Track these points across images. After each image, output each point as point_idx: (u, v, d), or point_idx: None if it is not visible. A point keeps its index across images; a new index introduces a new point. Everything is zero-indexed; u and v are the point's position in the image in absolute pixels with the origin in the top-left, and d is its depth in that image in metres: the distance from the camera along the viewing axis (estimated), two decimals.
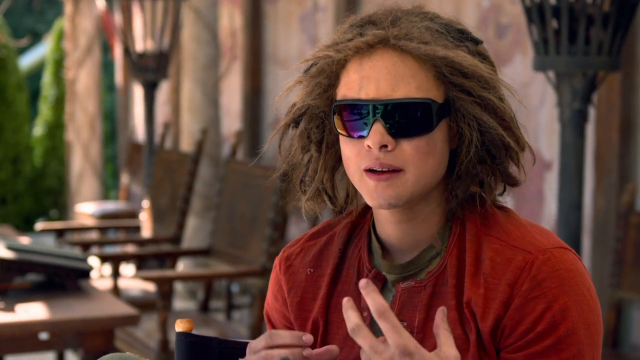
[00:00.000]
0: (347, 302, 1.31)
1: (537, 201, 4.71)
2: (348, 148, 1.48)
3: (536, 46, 3.08)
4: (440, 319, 1.34)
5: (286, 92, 1.55)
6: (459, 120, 1.46)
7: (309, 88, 1.52)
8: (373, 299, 1.30)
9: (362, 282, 1.30)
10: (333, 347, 1.42)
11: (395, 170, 1.45)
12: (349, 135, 1.47)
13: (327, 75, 1.50)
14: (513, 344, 1.44)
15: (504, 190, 1.54)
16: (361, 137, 1.46)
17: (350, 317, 1.31)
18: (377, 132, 1.44)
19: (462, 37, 1.48)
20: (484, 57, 1.50)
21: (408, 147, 1.45)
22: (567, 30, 2.99)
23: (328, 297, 1.58)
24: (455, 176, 1.50)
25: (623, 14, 2.99)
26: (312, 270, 1.61)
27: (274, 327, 1.65)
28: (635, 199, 3.98)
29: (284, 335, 1.43)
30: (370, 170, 1.46)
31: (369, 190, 1.47)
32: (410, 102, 1.43)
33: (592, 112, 4.14)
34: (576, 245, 3.07)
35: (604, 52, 3.00)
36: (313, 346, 1.58)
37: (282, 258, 1.65)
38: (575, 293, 1.43)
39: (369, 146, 1.44)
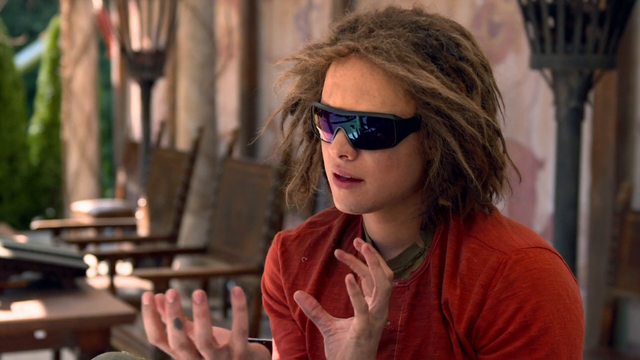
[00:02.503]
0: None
1: (529, 199, 4.71)
2: (323, 148, 1.51)
3: (532, 44, 3.08)
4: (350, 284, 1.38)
5: (279, 82, 1.56)
6: (426, 137, 1.45)
7: (299, 81, 1.54)
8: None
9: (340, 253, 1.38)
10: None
11: (355, 180, 1.46)
12: (322, 138, 1.50)
13: (312, 73, 1.52)
14: (487, 345, 1.44)
15: (497, 198, 1.52)
16: (329, 141, 1.48)
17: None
18: (337, 142, 1.45)
19: (438, 53, 1.45)
20: (460, 73, 1.45)
21: (369, 159, 1.45)
22: (564, 28, 2.99)
23: (319, 285, 1.59)
24: (424, 188, 1.49)
25: (619, 12, 2.99)
26: (306, 258, 1.63)
27: (270, 296, 1.67)
28: (631, 197, 3.98)
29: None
30: (334, 174, 1.48)
31: (334, 194, 1.50)
32: (372, 117, 1.43)
33: (588, 111, 4.14)
34: (572, 243, 3.07)
35: (600, 51, 3.00)
36: (302, 333, 1.60)
37: (279, 240, 1.67)
38: (549, 292, 1.42)
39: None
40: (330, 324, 1.41)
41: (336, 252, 1.39)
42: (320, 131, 1.49)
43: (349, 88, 1.44)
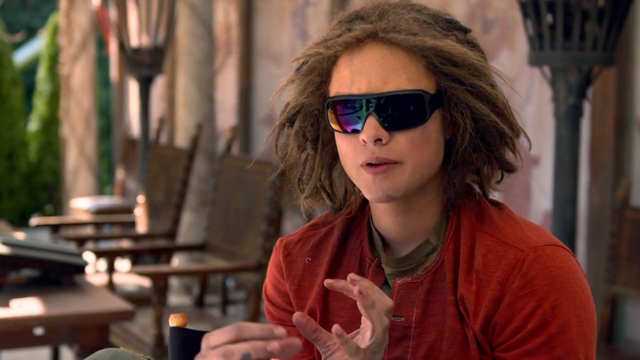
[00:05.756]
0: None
1: (524, 196, 4.71)
2: (344, 144, 1.49)
3: (531, 41, 3.08)
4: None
5: (279, 91, 1.55)
6: (452, 110, 1.46)
7: (301, 86, 1.52)
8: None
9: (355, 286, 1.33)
10: (296, 340, 1.31)
11: (391, 163, 1.45)
12: (344, 131, 1.47)
13: (318, 72, 1.50)
14: (504, 342, 1.44)
15: (502, 178, 1.54)
16: (355, 131, 1.46)
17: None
18: (371, 126, 1.44)
19: (450, 26, 1.49)
20: (473, 45, 1.51)
21: (403, 139, 1.45)
22: (562, 25, 2.99)
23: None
24: (451, 165, 1.50)
25: (618, 9, 2.99)
26: (310, 259, 1.62)
27: (272, 303, 1.66)
28: (630, 194, 3.98)
29: (253, 328, 1.30)
30: (367, 164, 1.46)
31: (366, 184, 1.47)
32: (402, 95, 1.44)
33: (587, 107, 4.14)
34: (571, 240, 3.07)
35: (599, 47, 3.00)
36: (306, 339, 1.59)
37: (280, 245, 1.66)
38: (567, 290, 1.43)
39: (364, 140, 1.45)
40: (330, 342, 1.38)
41: (326, 283, 1.37)
42: (341, 126, 1.48)
43: (373, 71, 1.44)
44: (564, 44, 3.00)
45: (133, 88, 9.24)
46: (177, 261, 6.25)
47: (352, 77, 1.46)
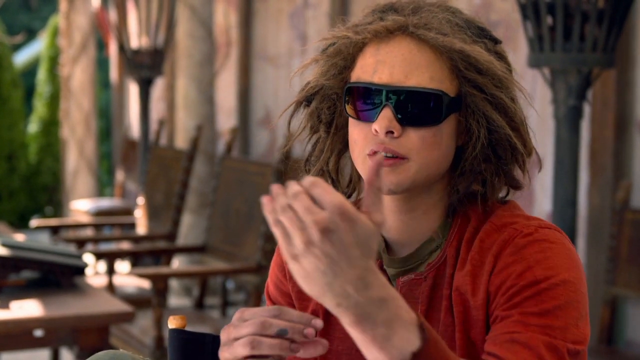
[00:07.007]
0: None
1: (527, 198, 4.71)
2: (356, 131, 1.49)
3: (531, 43, 3.08)
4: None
5: (302, 69, 1.56)
6: (468, 116, 1.47)
7: (324, 68, 1.52)
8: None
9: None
10: (324, 341, 1.35)
11: (399, 158, 1.45)
12: (358, 118, 1.48)
13: (343, 56, 1.50)
14: (499, 303, 1.42)
15: (507, 194, 1.54)
16: (370, 121, 1.46)
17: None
18: (385, 118, 1.44)
19: (481, 34, 1.49)
20: (500, 56, 1.51)
21: (414, 136, 1.45)
22: (562, 27, 3.00)
23: None
24: (459, 172, 1.50)
25: (618, 10, 2.99)
26: None
27: (272, 302, 1.66)
28: (629, 196, 3.98)
29: (293, 313, 1.34)
30: (374, 154, 1.46)
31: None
32: (422, 92, 1.44)
33: (586, 109, 4.14)
34: (571, 241, 3.07)
35: (598, 49, 3.00)
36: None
37: None
38: (560, 256, 1.42)
39: (376, 130, 1.45)
40: None
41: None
42: (357, 112, 1.47)
43: (397, 64, 1.45)
44: (563, 46, 3.00)
45: (133, 90, 9.24)
46: (177, 263, 6.25)
47: (375, 66, 1.46)
